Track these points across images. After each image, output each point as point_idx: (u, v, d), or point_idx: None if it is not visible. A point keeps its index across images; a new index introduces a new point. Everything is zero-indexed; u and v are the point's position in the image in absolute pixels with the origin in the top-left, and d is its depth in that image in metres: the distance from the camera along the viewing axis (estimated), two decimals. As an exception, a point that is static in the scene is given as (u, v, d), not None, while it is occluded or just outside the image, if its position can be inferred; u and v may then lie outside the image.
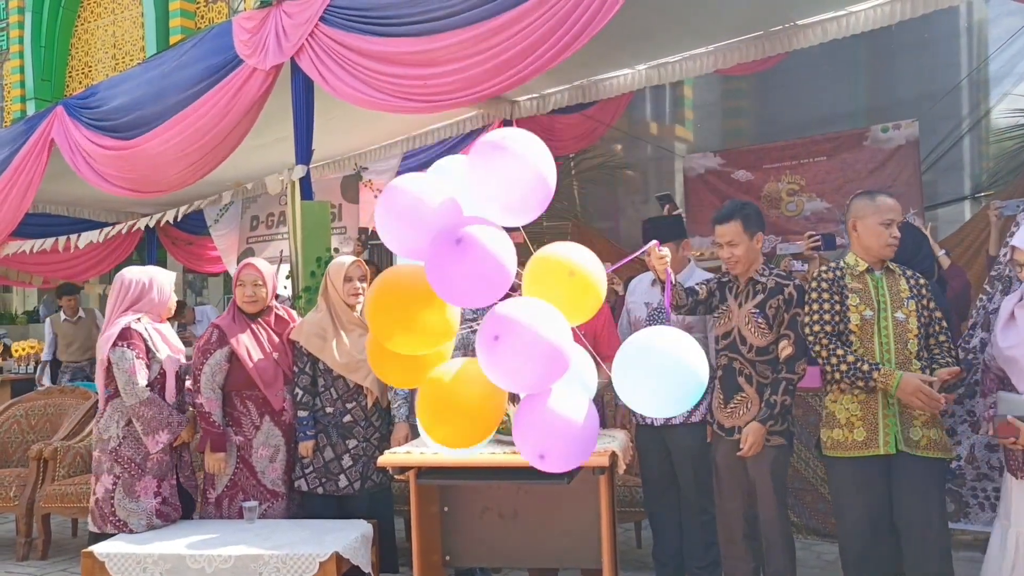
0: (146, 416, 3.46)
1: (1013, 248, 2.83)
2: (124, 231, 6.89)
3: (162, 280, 3.67)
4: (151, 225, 6.66)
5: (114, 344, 3.47)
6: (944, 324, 2.89)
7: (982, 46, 6.98)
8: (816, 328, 2.88)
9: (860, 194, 2.99)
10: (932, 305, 2.88)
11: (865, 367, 2.76)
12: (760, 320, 3.08)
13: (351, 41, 4.32)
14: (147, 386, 3.48)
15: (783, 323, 3.07)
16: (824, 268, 2.98)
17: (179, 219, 6.31)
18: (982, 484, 3.88)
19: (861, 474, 2.82)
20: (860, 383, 2.79)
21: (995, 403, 2.78)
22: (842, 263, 2.96)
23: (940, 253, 4.61)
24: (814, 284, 2.94)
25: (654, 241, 2.98)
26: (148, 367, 3.51)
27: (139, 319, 3.56)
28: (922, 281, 2.92)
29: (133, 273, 3.65)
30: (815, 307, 2.90)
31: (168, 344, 3.64)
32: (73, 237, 7.00)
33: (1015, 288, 2.87)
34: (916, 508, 2.76)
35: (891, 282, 2.89)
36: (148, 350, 3.52)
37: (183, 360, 3.69)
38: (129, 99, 5.21)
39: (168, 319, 3.80)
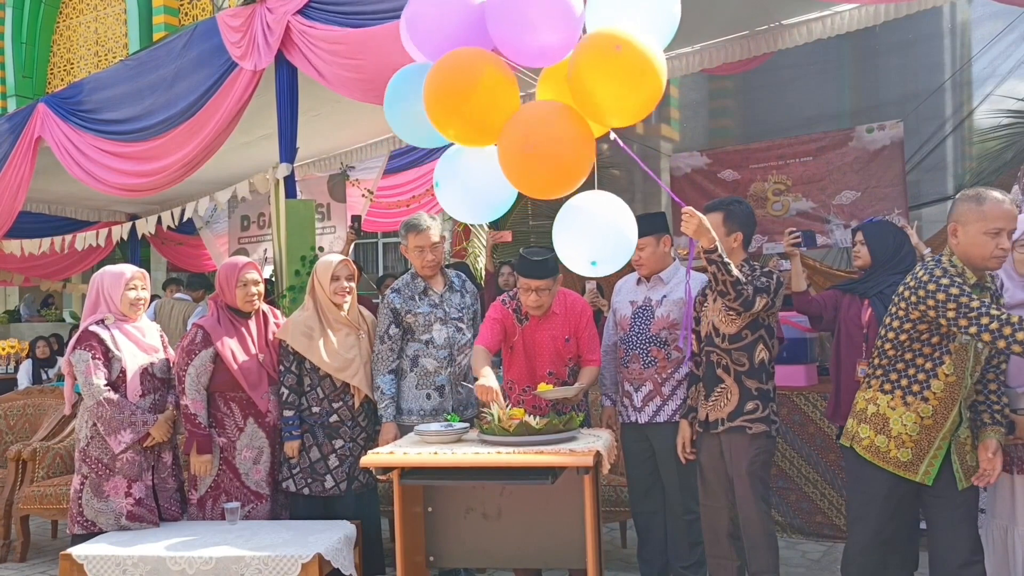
0: (105, 416, 3.44)
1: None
2: (125, 236, 6.77)
3: (108, 280, 3.60)
4: (152, 231, 6.56)
5: (73, 348, 3.52)
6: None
7: (965, 47, 7.03)
8: (982, 309, 2.39)
9: (966, 193, 2.55)
10: None
11: None
12: (730, 310, 3.10)
13: (332, 34, 4.28)
14: (107, 386, 3.46)
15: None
16: (947, 264, 2.53)
17: (177, 223, 6.21)
18: None
19: (890, 488, 2.63)
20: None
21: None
22: (960, 266, 2.52)
23: (926, 252, 4.63)
24: (952, 280, 2.45)
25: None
26: (107, 367, 3.48)
27: (103, 320, 3.57)
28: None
29: (94, 275, 3.69)
30: (963, 299, 2.40)
31: (136, 343, 3.59)
32: (68, 238, 6.90)
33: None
34: (948, 543, 2.58)
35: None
36: (107, 350, 3.49)
37: (154, 359, 3.62)
38: (137, 110, 5.19)
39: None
